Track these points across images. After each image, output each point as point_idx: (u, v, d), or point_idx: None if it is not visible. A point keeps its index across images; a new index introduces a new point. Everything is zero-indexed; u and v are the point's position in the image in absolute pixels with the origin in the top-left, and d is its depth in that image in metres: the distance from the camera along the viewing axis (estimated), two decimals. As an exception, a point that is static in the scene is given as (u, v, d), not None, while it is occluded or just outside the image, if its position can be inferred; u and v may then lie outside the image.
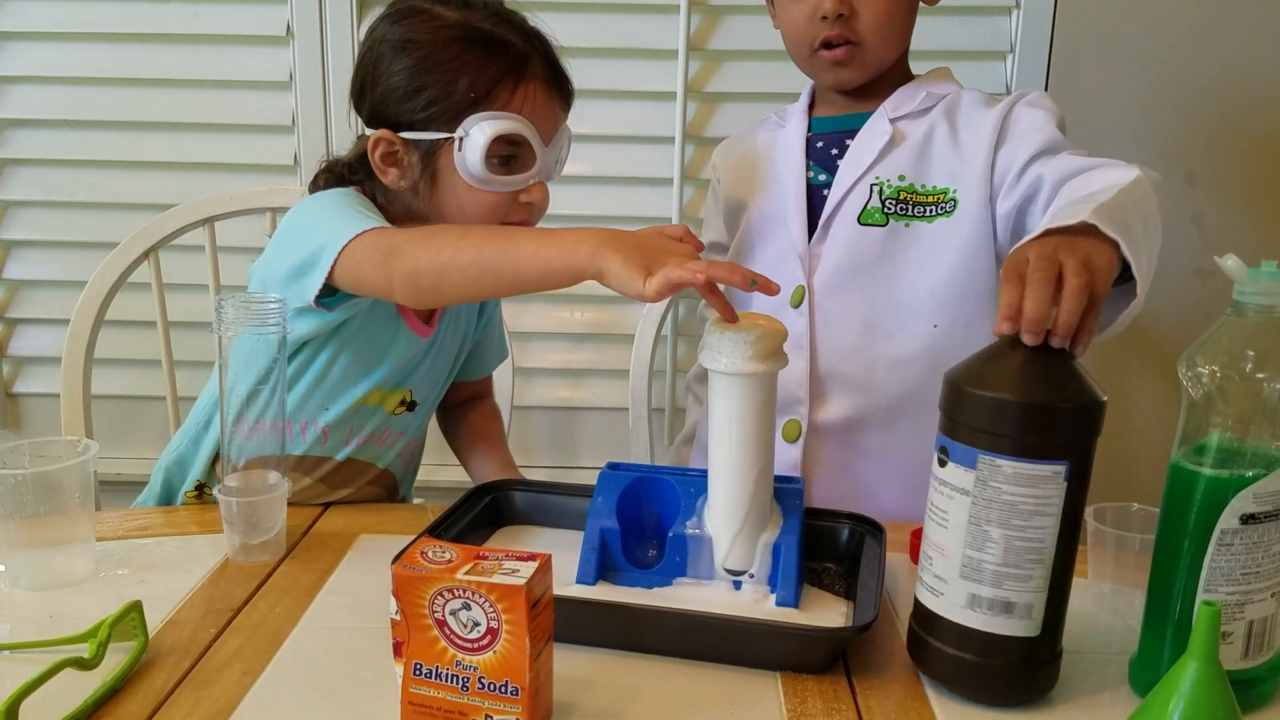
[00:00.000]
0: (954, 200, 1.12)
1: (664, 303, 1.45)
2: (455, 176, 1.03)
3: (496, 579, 0.64)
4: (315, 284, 0.94)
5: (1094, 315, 0.72)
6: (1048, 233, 0.79)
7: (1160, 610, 0.72)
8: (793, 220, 1.16)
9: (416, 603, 0.65)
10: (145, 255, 1.38)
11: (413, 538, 0.83)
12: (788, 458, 1.14)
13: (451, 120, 1.01)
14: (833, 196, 1.15)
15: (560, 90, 1.06)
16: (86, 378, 1.36)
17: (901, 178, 1.14)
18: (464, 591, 0.64)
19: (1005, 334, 0.70)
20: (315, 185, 1.11)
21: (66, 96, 1.65)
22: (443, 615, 0.65)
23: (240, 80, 1.63)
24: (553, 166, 1.08)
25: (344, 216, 0.97)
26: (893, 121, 1.16)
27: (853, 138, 1.17)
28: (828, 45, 1.14)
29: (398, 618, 0.66)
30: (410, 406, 1.13)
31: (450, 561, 0.66)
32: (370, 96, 1.05)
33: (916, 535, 0.95)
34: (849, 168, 1.15)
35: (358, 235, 0.93)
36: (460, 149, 1.01)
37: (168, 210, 1.39)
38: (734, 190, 1.26)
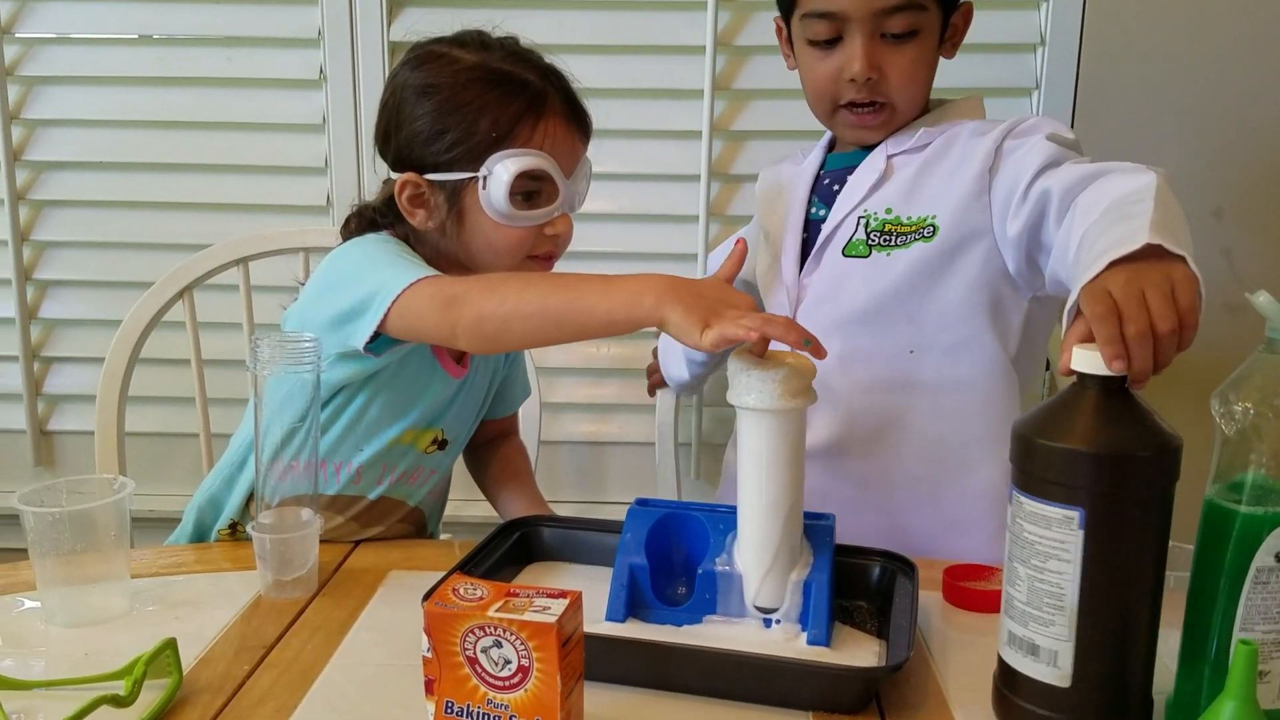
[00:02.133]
0: (933, 226, 1.12)
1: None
2: (481, 214, 1.04)
3: (528, 616, 0.64)
4: (366, 330, 0.95)
5: (1187, 344, 0.73)
6: (1115, 262, 0.77)
7: (1196, 649, 0.71)
8: (787, 253, 1.20)
9: (448, 640, 0.65)
10: (180, 294, 1.40)
11: (442, 574, 0.84)
12: None
13: (475, 160, 1.03)
14: (824, 230, 1.18)
15: (579, 123, 1.09)
16: (121, 415, 1.37)
17: (889, 210, 1.15)
18: (495, 629, 0.64)
19: (1118, 372, 0.69)
20: (347, 229, 1.13)
21: (103, 139, 1.68)
22: (474, 653, 0.65)
23: (274, 123, 1.66)
24: (574, 198, 1.10)
25: (393, 265, 0.99)
26: (890, 158, 1.17)
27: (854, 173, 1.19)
28: (852, 105, 1.14)
29: (429, 655, 0.66)
30: (442, 445, 1.14)
31: (481, 599, 0.66)
32: (395, 141, 1.07)
33: (949, 573, 0.95)
34: (843, 203, 1.18)
35: (414, 283, 0.94)
36: (485, 187, 1.03)
37: (203, 250, 1.41)
38: (763, 220, 1.30)
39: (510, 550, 0.97)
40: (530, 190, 1.05)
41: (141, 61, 1.66)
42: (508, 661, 0.65)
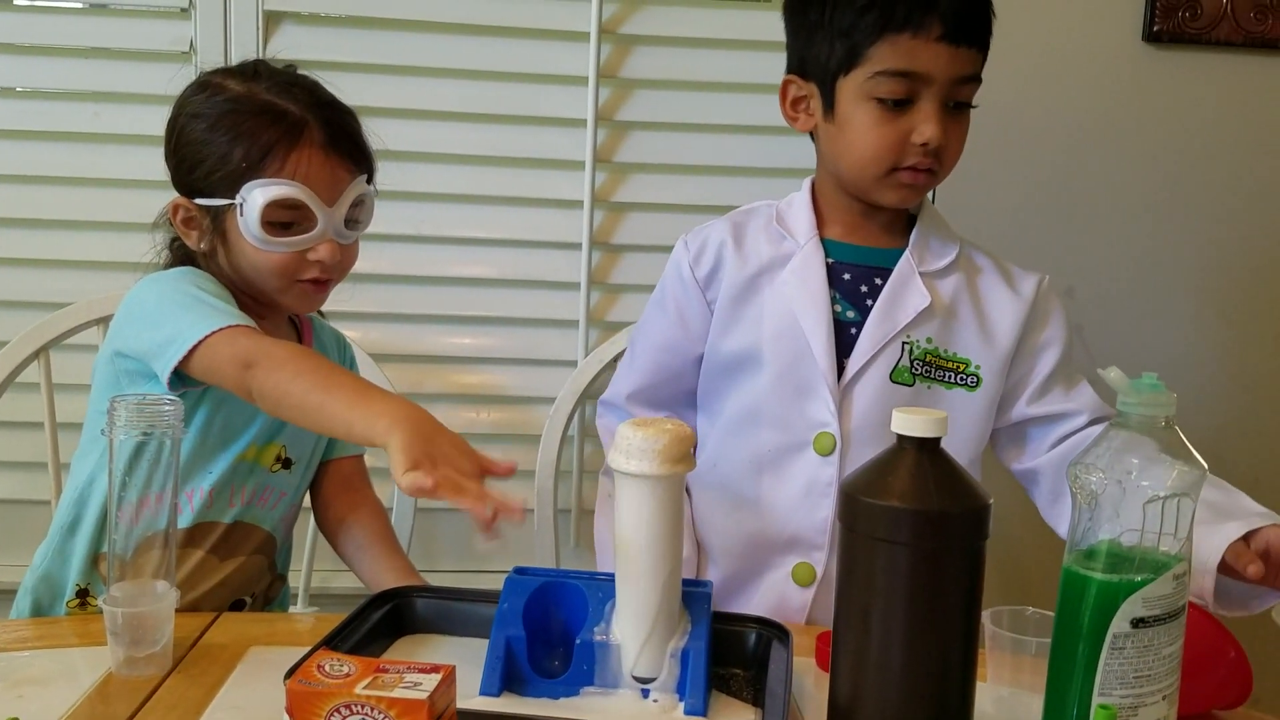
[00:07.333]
0: (975, 376, 1.16)
1: (570, 403, 1.45)
2: (242, 239, 1.09)
3: (398, 693, 0.62)
4: (164, 372, 0.99)
5: None
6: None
7: (1058, 714, 0.73)
8: (821, 358, 1.15)
9: None
10: (36, 354, 1.34)
11: (306, 650, 0.81)
12: (797, 601, 1.16)
13: (231, 187, 1.07)
14: (865, 346, 1.15)
15: (343, 153, 1.11)
16: (-34, 482, 1.30)
17: (929, 340, 1.16)
18: (363, 707, 0.62)
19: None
20: (170, 261, 1.18)
21: (-41, 192, 1.61)
22: (340, 732, 0.63)
23: (139, 180, 1.61)
24: (342, 226, 1.12)
25: (192, 309, 1.02)
26: (923, 276, 1.16)
27: (880, 276, 1.17)
28: (912, 168, 1.12)
29: (292, 735, 0.64)
30: (286, 464, 1.16)
31: (348, 675, 0.64)
32: (170, 166, 1.13)
33: (823, 640, 0.95)
34: (883, 320, 1.15)
35: (211, 336, 0.98)
36: (241, 214, 1.07)
37: (61, 309, 1.36)
38: (732, 297, 1.20)
39: (380, 623, 0.94)
40: (287, 219, 1.08)
41: (5, 115, 1.60)
42: (376, 740, 0.62)
